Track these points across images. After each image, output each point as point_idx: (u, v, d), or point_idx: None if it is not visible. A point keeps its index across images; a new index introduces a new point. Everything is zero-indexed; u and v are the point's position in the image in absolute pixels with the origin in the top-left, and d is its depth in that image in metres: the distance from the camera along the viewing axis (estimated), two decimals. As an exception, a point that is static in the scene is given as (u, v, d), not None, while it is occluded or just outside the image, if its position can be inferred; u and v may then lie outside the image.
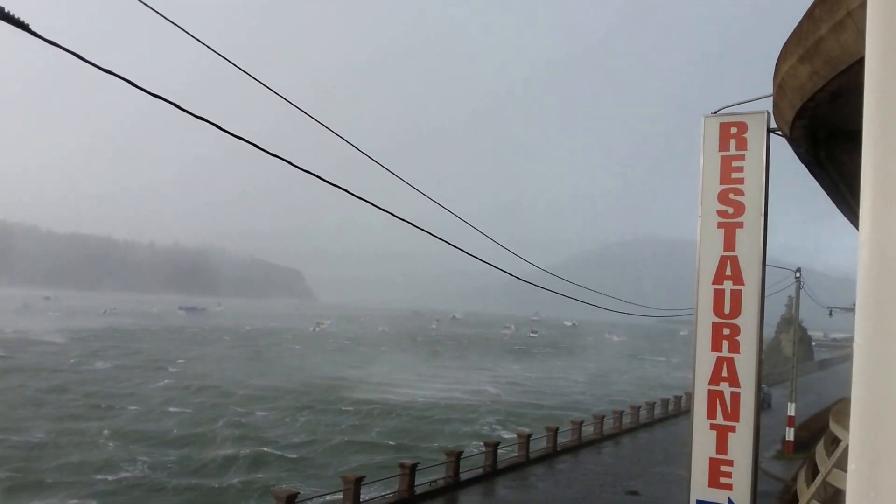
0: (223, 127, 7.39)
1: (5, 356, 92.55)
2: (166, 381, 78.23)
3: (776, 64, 8.55)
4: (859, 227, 1.84)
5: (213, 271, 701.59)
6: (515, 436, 36.15)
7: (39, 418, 53.81)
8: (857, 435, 1.68)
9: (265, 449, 46.59)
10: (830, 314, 56.20)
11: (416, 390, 78.52)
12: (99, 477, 39.43)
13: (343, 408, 64.24)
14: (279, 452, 46.12)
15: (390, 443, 50.18)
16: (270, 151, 8.02)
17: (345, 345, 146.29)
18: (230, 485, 38.64)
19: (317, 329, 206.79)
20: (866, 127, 1.82)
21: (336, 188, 8.89)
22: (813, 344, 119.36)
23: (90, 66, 5.96)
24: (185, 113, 7.03)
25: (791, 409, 38.07)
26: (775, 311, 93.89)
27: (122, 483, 38.63)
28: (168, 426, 53.61)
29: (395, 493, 26.47)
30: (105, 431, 50.13)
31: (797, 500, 8.38)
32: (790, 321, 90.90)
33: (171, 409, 60.38)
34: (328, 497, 26.80)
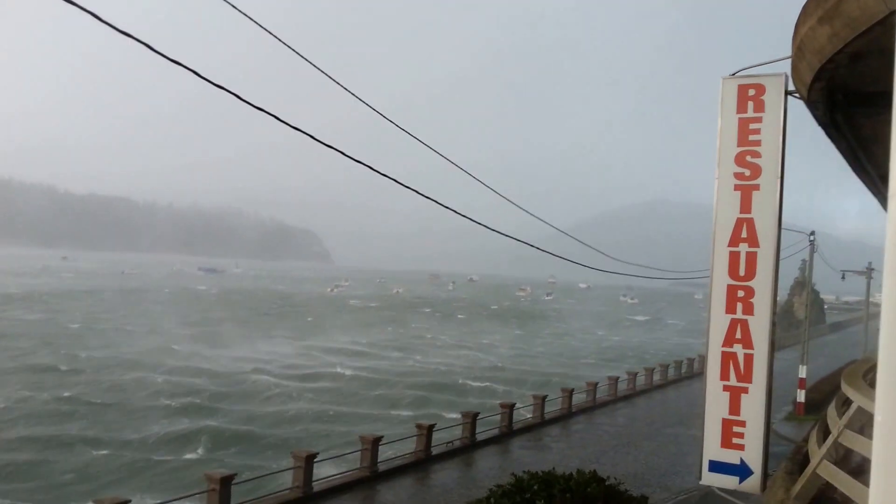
0: (224, 86, 7.37)
1: None
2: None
3: (795, 25, 8.42)
4: (889, 185, 1.82)
5: (231, 233, 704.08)
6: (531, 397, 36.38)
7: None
8: (885, 384, 1.69)
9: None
10: (843, 277, 55.86)
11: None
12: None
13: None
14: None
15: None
16: (286, 122, 8.01)
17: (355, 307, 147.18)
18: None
19: (333, 290, 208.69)
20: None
21: (353, 159, 8.88)
22: (825, 307, 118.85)
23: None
24: (186, 70, 7.02)
25: (802, 372, 38.05)
26: (789, 274, 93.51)
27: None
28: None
29: (412, 453, 26.75)
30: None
31: (808, 461, 8.42)
32: (803, 284, 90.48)
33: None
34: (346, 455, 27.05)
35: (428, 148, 11.49)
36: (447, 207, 11.58)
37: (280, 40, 8.18)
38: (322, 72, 8.82)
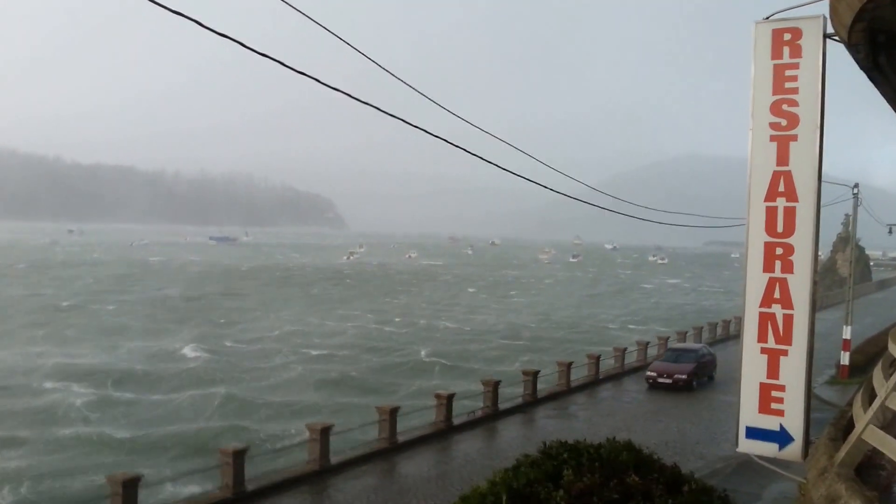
0: (245, 43, 7.33)
1: None
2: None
3: (834, -38, 8.24)
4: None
5: (241, 199, 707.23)
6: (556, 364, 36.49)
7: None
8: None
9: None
10: (890, 232, 55.05)
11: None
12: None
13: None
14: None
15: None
16: (298, 69, 7.96)
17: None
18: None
19: (350, 258, 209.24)
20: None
21: (369, 105, 8.83)
22: (871, 264, 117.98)
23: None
24: (205, 29, 6.98)
25: (847, 333, 37.80)
26: (831, 229, 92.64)
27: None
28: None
29: (432, 423, 26.99)
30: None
31: (853, 426, 8.39)
32: (846, 240, 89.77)
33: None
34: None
35: (445, 110, 11.41)
36: (484, 159, 11.52)
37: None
38: (336, 35, 8.76)
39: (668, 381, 35.15)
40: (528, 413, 30.68)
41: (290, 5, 8.03)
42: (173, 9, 6.77)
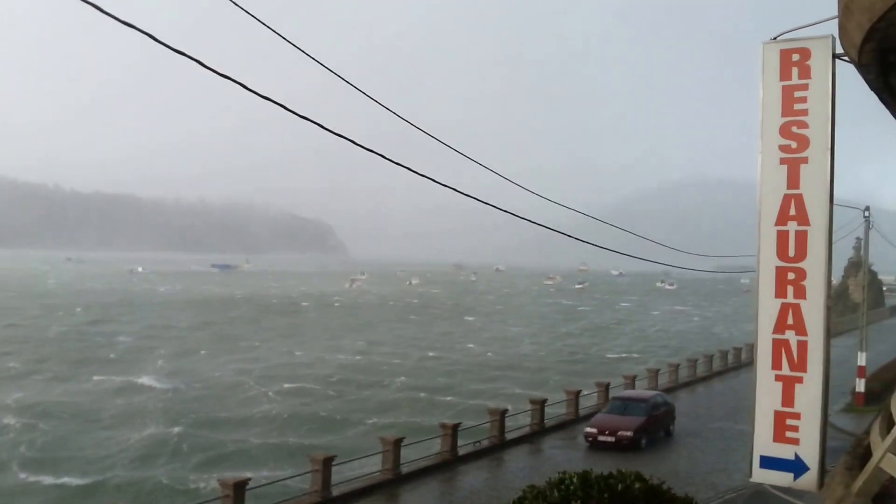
0: (251, 87, 7.36)
1: None
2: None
3: (842, -19, 8.25)
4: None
5: (242, 227, 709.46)
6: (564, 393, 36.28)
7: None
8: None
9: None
10: (903, 256, 54.95)
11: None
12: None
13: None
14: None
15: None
16: (300, 114, 7.99)
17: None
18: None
19: (352, 285, 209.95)
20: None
21: (373, 153, 8.86)
22: (884, 289, 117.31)
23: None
24: (213, 73, 7.03)
25: (861, 359, 37.63)
26: (842, 254, 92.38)
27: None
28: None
29: (437, 454, 26.79)
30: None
31: (870, 454, 8.30)
32: (858, 265, 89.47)
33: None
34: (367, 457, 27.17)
35: (440, 143, 11.47)
36: (477, 199, 11.55)
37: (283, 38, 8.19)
38: (343, 78, 8.85)
39: (611, 438, 28.96)
40: (535, 443, 30.46)
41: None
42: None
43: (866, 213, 38.34)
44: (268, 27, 7.75)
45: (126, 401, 49.88)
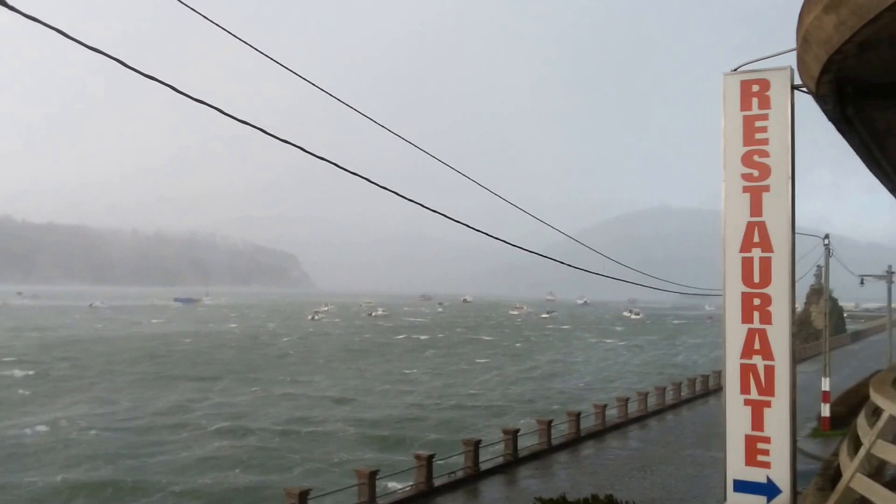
0: (225, 110, 7.38)
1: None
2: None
3: (799, 14, 8.47)
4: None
5: (202, 259, 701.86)
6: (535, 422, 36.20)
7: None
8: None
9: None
10: (862, 283, 55.77)
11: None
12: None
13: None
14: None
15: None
16: (279, 137, 8.02)
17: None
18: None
19: (315, 317, 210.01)
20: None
21: (353, 175, 8.90)
22: (845, 315, 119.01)
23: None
24: (188, 98, 7.03)
25: (825, 384, 38.00)
26: (804, 281, 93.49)
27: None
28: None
29: (412, 485, 26.60)
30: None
31: (840, 475, 8.41)
32: (820, 291, 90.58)
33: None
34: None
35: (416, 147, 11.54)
36: (446, 216, 11.58)
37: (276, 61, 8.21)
38: (330, 95, 8.86)
39: None
40: (509, 473, 30.35)
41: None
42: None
43: (826, 241, 38.95)
44: (256, 49, 7.77)
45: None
